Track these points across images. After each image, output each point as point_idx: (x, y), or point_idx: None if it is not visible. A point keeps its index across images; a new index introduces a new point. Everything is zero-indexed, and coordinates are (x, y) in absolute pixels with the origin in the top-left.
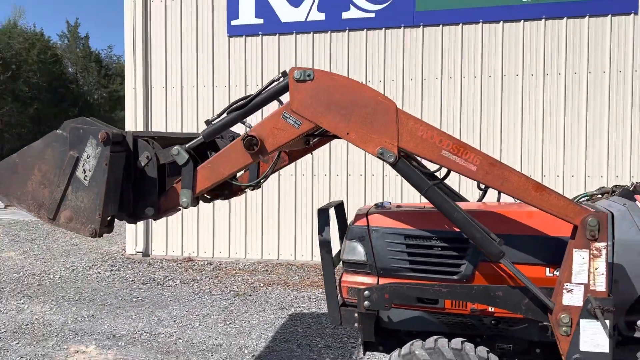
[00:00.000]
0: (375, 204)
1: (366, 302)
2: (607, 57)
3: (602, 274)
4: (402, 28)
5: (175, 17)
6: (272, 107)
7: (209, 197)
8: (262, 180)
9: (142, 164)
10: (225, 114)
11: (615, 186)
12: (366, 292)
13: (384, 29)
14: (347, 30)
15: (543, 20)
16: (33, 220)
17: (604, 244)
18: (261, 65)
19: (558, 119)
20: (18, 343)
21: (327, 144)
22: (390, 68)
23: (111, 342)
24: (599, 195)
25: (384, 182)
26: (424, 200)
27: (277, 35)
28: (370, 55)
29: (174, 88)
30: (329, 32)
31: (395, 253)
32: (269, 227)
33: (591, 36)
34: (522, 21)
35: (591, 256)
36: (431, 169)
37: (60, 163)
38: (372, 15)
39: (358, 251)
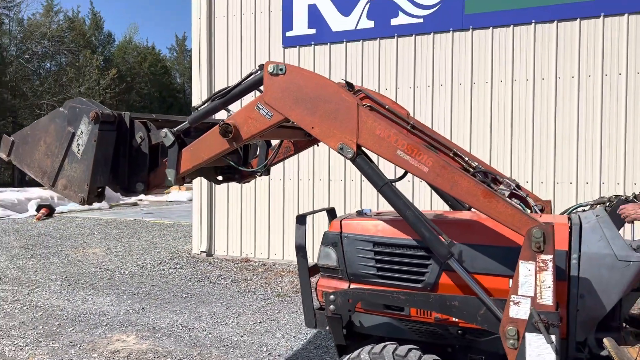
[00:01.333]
0: (357, 211)
1: (332, 306)
2: None
3: (549, 287)
4: (451, 32)
5: (236, 32)
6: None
7: (220, 179)
8: (266, 166)
9: (136, 144)
10: (209, 102)
11: (615, 196)
12: (331, 297)
13: (432, 33)
14: (395, 37)
15: (602, 17)
16: (127, 220)
17: (550, 256)
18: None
19: (619, 122)
20: (73, 329)
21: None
22: (439, 73)
23: (150, 333)
24: (591, 206)
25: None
26: None
27: (328, 44)
28: (419, 60)
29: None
30: (378, 39)
31: (364, 259)
32: (320, 232)
33: None
34: (579, 19)
35: (537, 268)
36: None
37: (60, 137)
38: (421, 20)
39: (331, 257)
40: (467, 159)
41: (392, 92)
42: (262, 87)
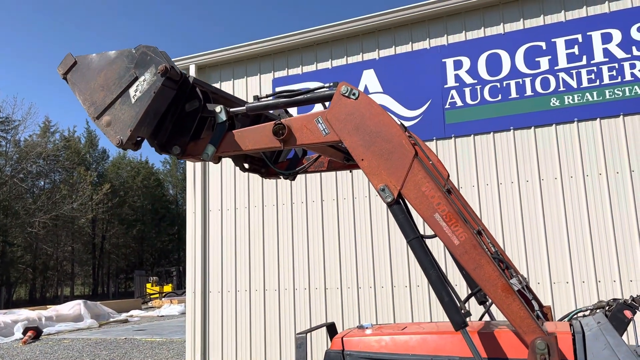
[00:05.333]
0: (358, 326)
1: None
2: None
3: None
4: (435, 140)
5: None
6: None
7: (246, 167)
8: (296, 173)
9: (189, 109)
10: (272, 97)
11: (613, 300)
12: None
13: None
14: None
15: (576, 122)
16: (118, 339)
17: None
18: (305, 184)
19: (606, 220)
20: None
21: None
22: None
23: None
24: (591, 311)
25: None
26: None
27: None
28: None
29: (229, 210)
30: None
31: None
32: (317, 341)
33: (629, 136)
34: (554, 125)
35: None
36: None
37: (121, 76)
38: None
39: None
40: (489, 241)
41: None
42: (327, 103)
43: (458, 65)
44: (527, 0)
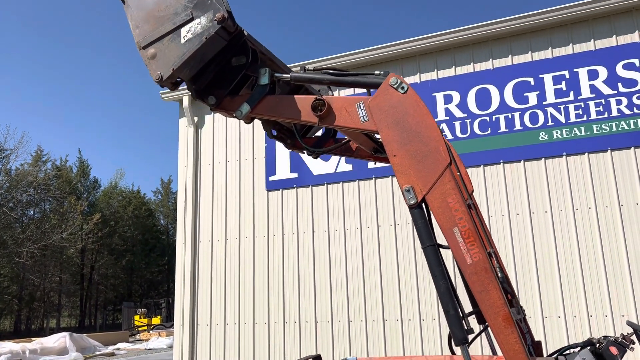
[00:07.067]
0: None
1: None
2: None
3: None
4: None
5: (221, 178)
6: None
7: (274, 133)
8: (321, 152)
9: (235, 63)
10: (319, 72)
11: (604, 337)
12: None
13: None
14: (373, 178)
15: (564, 156)
16: None
17: None
18: (297, 214)
19: (596, 254)
20: None
21: None
22: None
23: None
24: (581, 348)
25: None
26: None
27: (310, 187)
28: (397, 200)
29: (219, 241)
30: (357, 180)
31: None
32: None
33: (617, 170)
34: (543, 159)
35: None
36: None
37: (177, 12)
38: None
39: None
40: (497, 265)
41: (374, 231)
42: (372, 90)
43: (448, 99)
44: (514, 37)
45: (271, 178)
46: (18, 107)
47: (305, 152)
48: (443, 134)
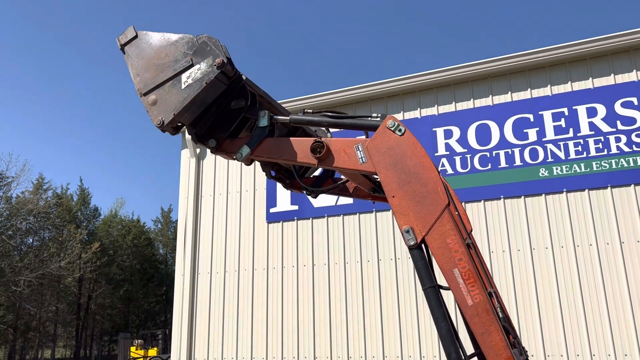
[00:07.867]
0: None
1: None
2: None
3: None
4: None
5: (221, 209)
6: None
7: (272, 174)
8: (320, 192)
9: (234, 106)
10: (317, 114)
11: None
12: None
13: None
14: (374, 212)
15: (565, 192)
16: None
17: None
18: (297, 247)
19: (598, 292)
20: None
21: None
22: None
23: None
24: None
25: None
26: None
27: (311, 219)
28: (397, 234)
29: (218, 273)
30: (358, 213)
31: None
32: None
33: (617, 207)
34: (544, 195)
35: None
36: None
37: (178, 59)
38: None
39: None
40: (498, 305)
41: (374, 264)
42: (370, 133)
43: (448, 134)
44: (514, 74)
45: (272, 210)
46: (21, 135)
47: (304, 192)
48: (443, 169)
